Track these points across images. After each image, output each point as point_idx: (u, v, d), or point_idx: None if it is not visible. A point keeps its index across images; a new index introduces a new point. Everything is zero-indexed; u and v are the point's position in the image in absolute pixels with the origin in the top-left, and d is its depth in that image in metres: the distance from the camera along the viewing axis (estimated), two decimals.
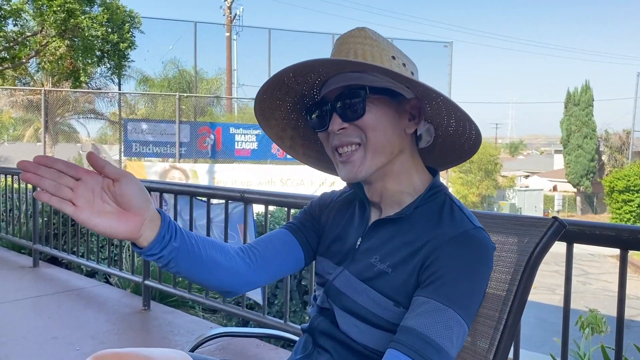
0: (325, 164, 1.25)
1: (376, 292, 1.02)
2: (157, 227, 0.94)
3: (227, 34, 21.70)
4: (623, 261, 1.75)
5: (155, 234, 0.94)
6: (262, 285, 1.24)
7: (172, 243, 0.96)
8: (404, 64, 1.05)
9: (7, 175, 5.85)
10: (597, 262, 15.79)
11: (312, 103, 1.11)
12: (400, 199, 1.08)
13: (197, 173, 13.52)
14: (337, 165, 1.08)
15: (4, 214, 6.01)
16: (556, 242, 1.12)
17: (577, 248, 1.89)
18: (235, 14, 23.92)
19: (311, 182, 13.69)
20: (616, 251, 1.75)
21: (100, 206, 0.89)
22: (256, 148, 14.47)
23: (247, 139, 14.39)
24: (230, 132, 14.40)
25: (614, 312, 1.74)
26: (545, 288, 11.20)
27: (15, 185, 5.76)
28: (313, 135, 1.20)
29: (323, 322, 1.12)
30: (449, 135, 1.11)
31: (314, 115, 1.09)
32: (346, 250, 1.13)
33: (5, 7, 11.80)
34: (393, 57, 1.03)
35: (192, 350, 1.34)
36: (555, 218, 1.10)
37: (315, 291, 1.21)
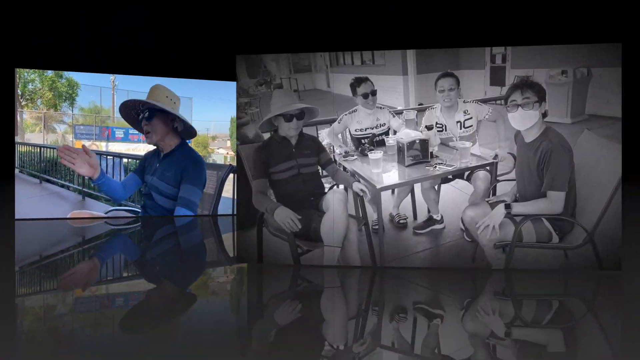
0: None
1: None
2: (98, 172, 5.37)
3: None
4: None
5: (98, 174, 5.31)
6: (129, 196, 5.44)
7: (104, 179, 5.44)
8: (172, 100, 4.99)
9: None
10: None
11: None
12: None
13: None
14: None
15: None
16: None
17: None
18: None
19: None
20: None
21: (82, 164, 5.25)
22: None
23: None
24: None
25: None
26: None
27: None
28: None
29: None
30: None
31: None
32: None
33: None
34: (167, 96, 4.81)
35: None
36: None
37: None
